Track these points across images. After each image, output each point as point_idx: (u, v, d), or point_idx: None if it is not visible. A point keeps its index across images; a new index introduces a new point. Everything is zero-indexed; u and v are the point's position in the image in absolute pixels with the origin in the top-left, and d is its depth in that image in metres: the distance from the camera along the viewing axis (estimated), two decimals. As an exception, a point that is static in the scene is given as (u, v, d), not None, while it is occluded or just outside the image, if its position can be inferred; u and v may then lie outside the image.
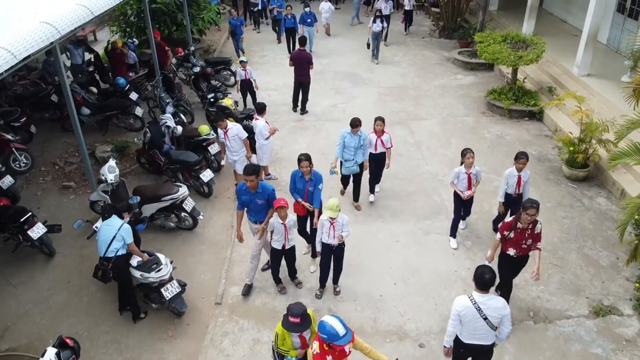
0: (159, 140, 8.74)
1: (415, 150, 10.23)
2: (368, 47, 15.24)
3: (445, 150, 10.23)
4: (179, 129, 9.41)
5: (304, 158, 6.76)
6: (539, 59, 11.17)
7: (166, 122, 9.10)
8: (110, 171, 7.36)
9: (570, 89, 11.19)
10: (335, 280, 6.86)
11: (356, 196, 8.51)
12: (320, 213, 6.66)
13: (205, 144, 8.94)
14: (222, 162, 8.71)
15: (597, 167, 9.13)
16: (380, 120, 8.25)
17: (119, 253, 6.10)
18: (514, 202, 7.24)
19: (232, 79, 13.49)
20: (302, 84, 11.62)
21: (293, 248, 6.61)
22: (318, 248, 6.58)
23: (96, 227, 6.45)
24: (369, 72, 14.55)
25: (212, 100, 10.18)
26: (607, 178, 8.95)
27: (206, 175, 8.27)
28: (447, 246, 7.69)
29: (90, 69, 12.13)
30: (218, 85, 10.77)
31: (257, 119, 8.74)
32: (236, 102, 10.83)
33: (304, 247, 7.55)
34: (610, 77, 11.50)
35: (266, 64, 15.38)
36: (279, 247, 6.47)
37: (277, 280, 6.89)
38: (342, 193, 8.72)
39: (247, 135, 8.38)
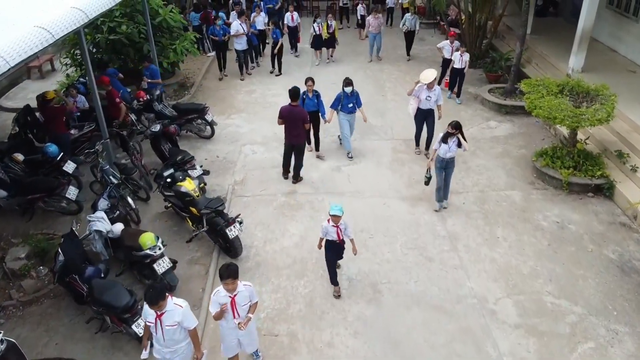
0: (78, 263, 5.96)
1: (450, 251, 7.42)
2: (426, 183, 8.45)
3: (492, 250, 7.42)
4: (118, 227, 6.67)
5: None
6: (610, 119, 8.38)
7: (95, 227, 6.35)
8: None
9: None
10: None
11: None
12: None
13: (148, 261, 6.16)
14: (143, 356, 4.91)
15: None
16: None
17: None
18: None
19: (208, 130, 10.71)
20: (295, 147, 8.85)
21: None
22: None
23: None
24: (379, 116, 11.76)
25: (169, 181, 7.38)
26: None
27: (140, 324, 5.44)
28: None
29: (16, 130, 9.31)
30: (179, 160, 7.95)
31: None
32: (202, 186, 8.05)
33: None
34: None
35: (254, 105, 12.58)
36: None
37: None
38: None
39: (196, 323, 4.84)
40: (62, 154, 8.17)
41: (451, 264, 7.14)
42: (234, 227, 6.76)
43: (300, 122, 8.53)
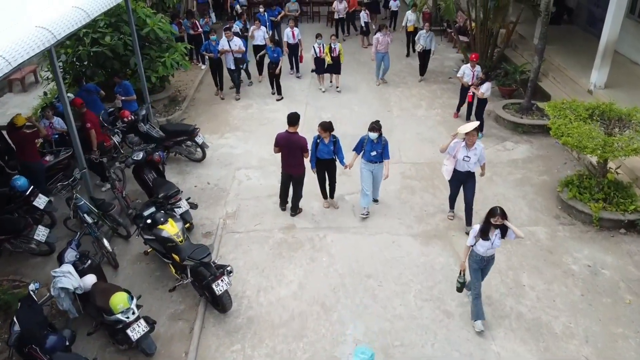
0: (37, 333, 5.04)
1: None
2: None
3: (518, 302, 6.47)
4: (88, 281, 5.78)
5: None
6: (647, 149, 7.47)
7: (60, 285, 5.44)
8: None
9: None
10: None
11: None
12: None
13: (120, 326, 5.24)
14: None
15: None
16: None
17: None
18: None
19: (199, 152, 9.80)
20: (292, 178, 7.94)
21: None
22: None
23: None
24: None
25: (149, 222, 6.45)
26: None
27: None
28: None
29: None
30: (162, 197, 7.02)
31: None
32: (187, 226, 7.14)
33: None
34: None
35: (250, 122, 11.66)
36: None
37: None
38: None
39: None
40: (32, 187, 7.24)
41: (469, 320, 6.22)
42: (222, 281, 5.85)
43: (298, 150, 7.61)
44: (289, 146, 7.59)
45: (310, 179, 8.12)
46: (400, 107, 12.29)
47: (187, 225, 7.07)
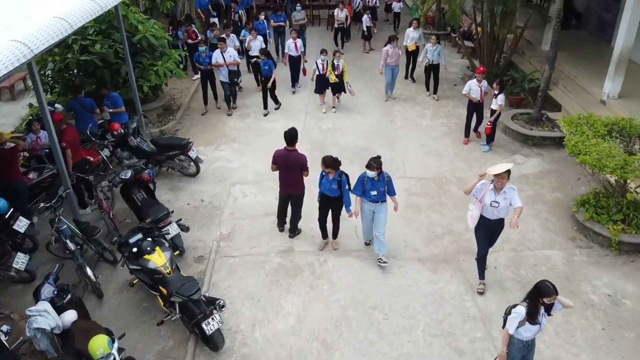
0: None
1: (484, 339, 5.95)
2: None
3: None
4: (68, 318, 5.30)
5: None
6: (672, 168, 6.97)
7: (36, 325, 4.95)
8: None
9: None
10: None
11: None
12: None
13: (101, 376, 4.74)
14: None
15: None
16: None
17: None
18: None
19: (193, 167, 9.30)
20: (291, 197, 7.44)
21: None
22: None
23: None
24: (388, 147, 10.35)
25: (134, 251, 5.94)
26: None
27: None
28: None
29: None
30: (151, 221, 6.51)
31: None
32: (177, 253, 6.64)
33: None
34: None
35: (247, 132, 11.16)
36: None
37: None
38: None
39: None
40: (11, 210, 6.74)
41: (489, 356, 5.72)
42: (213, 319, 5.36)
43: (297, 169, 7.12)
44: (287, 164, 7.10)
45: (312, 197, 7.61)
46: (403, 116, 11.80)
47: (177, 252, 6.53)
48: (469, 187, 6.25)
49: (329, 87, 11.68)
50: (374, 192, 6.65)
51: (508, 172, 5.92)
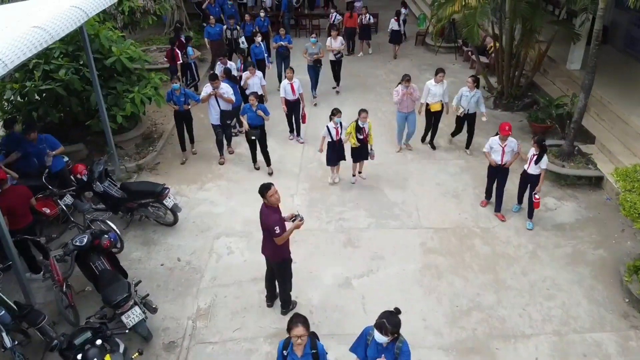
0: None
1: None
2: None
3: None
4: None
5: None
6: None
7: None
8: None
9: None
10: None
11: None
12: None
13: None
14: None
15: None
16: None
17: None
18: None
19: (169, 215, 7.93)
20: (271, 265, 6.09)
21: None
22: None
23: None
24: (398, 187, 8.97)
25: (79, 358, 4.55)
26: None
27: None
28: None
29: None
30: (106, 309, 5.11)
31: None
32: (135, 356, 5.28)
33: None
34: None
35: (236, 167, 9.77)
36: None
37: None
38: None
39: None
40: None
41: None
42: None
43: (265, 232, 5.77)
44: (262, 222, 5.76)
45: (300, 262, 6.23)
46: (413, 144, 10.37)
47: (136, 354, 5.04)
48: None
49: (345, 157, 8.93)
50: None
51: None
